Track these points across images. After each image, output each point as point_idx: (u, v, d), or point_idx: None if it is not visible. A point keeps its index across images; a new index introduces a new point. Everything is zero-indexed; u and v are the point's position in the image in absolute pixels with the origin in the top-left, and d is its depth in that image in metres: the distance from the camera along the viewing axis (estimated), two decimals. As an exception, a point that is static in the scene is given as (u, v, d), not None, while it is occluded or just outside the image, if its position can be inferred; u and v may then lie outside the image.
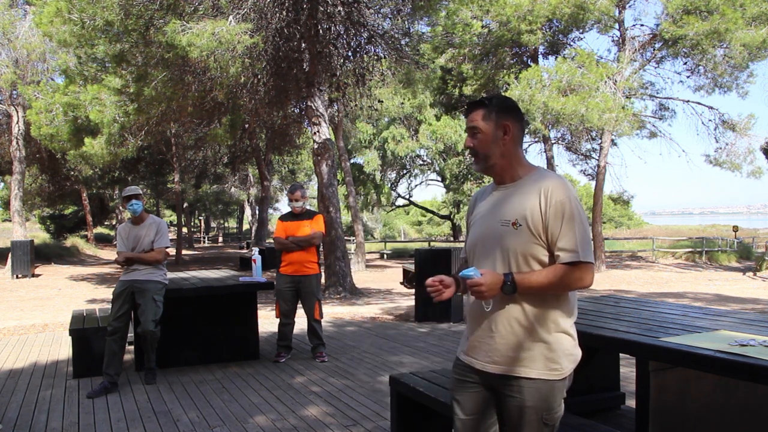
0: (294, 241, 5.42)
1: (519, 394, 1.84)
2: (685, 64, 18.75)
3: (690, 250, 24.42)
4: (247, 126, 17.56)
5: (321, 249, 9.50)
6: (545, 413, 1.83)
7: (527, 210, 1.82)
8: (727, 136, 19.53)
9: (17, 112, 18.48)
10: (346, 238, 15.50)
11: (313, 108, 11.59)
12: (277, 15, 10.47)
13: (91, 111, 11.52)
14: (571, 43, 19.98)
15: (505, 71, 19.59)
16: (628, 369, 4.42)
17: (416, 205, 37.20)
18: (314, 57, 11.38)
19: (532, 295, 1.82)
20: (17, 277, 16.77)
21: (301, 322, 6.34)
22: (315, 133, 11.73)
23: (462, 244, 2.22)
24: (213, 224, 59.10)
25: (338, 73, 12.12)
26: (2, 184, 31.69)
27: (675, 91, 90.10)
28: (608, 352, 3.93)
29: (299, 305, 5.57)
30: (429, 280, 1.87)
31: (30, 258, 17.15)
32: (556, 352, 1.84)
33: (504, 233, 1.85)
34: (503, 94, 17.27)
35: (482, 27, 18.36)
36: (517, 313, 1.84)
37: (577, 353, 1.91)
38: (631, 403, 3.87)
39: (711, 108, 20.01)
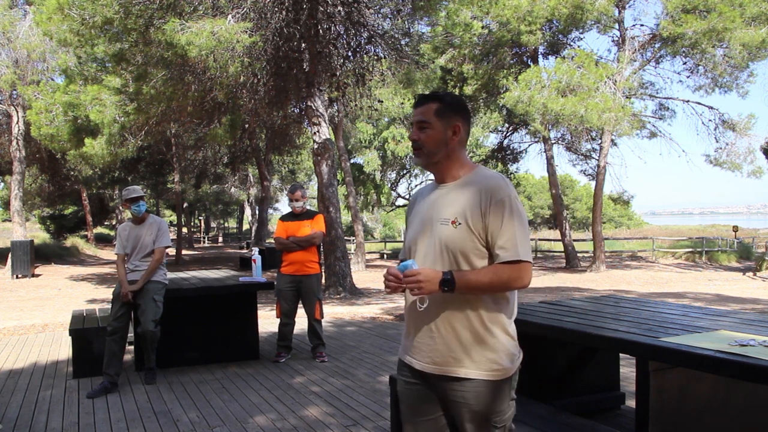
0: (295, 241, 5.42)
1: (462, 397, 1.81)
2: (685, 63, 18.76)
3: (690, 250, 24.42)
4: (247, 126, 17.54)
5: (321, 249, 9.50)
6: (493, 415, 1.80)
7: (467, 208, 1.80)
8: (727, 136, 19.53)
9: (17, 112, 18.47)
10: (346, 238, 15.50)
11: (313, 108, 11.59)
12: (277, 15, 10.47)
13: (91, 111, 11.52)
14: (571, 44, 19.99)
15: (505, 71, 19.60)
16: (628, 369, 4.42)
17: (416, 205, 37.16)
18: (314, 57, 11.38)
19: (471, 294, 1.79)
20: (17, 277, 16.77)
21: (301, 322, 6.35)
22: (315, 133, 11.73)
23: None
24: (213, 224, 59.09)
25: (338, 73, 12.12)
26: (2, 184, 31.70)
27: (675, 91, 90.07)
28: (608, 352, 3.93)
29: (300, 305, 5.57)
30: (394, 271, 1.80)
31: (30, 258, 17.15)
32: (498, 353, 1.81)
33: (443, 232, 1.83)
34: (502, 95, 17.32)
35: (482, 27, 18.36)
36: (457, 313, 1.81)
37: (519, 353, 1.88)
38: (631, 403, 3.87)
39: (711, 108, 20.01)
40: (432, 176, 2.01)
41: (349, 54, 12.29)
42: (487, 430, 1.80)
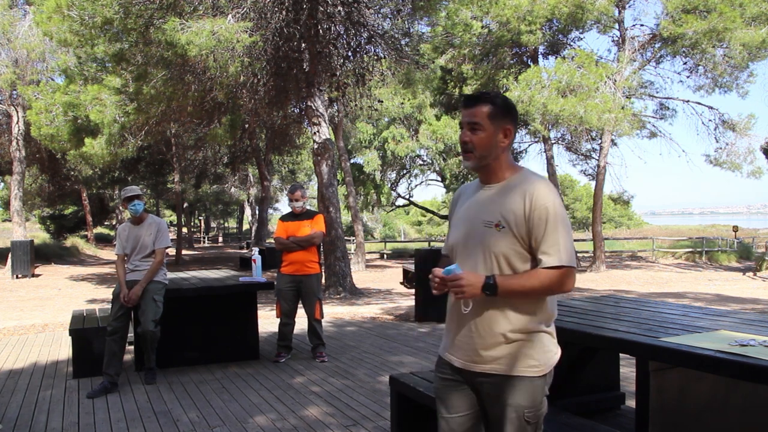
0: (295, 241, 5.42)
1: (500, 393, 1.85)
2: (685, 63, 18.77)
3: (690, 250, 24.42)
4: (247, 126, 17.54)
5: (321, 249, 9.50)
6: (527, 411, 1.83)
7: (510, 212, 1.82)
8: (727, 136, 19.54)
9: (17, 112, 18.47)
10: (346, 238, 15.51)
11: (313, 108, 11.59)
12: (277, 15, 10.47)
13: (91, 111, 11.52)
14: (571, 44, 19.99)
15: (505, 71, 19.60)
16: (628, 369, 4.42)
17: (416, 205, 37.18)
18: (314, 57, 11.38)
19: (513, 298, 1.82)
20: (17, 277, 16.77)
21: (301, 322, 6.35)
22: (315, 133, 11.73)
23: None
24: (213, 224, 59.10)
25: (338, 73, 12.12)
26: (2, 184, 31.69)
27: (675, 90, 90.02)
28: (608, 352, 3.93)
29: (300, 305, 5.57)
30: (439, 272, 1.82)
31: (30, 258, 17.15)
32: (536, 350, 1.85)
33: (486, 234, 1.85)
34: (502, 93, 17.30)
35: (482, 27, 18.37)
36: (496, 312, 1.84)
37: (557, 351, 1.92)
38: (631, 403, 3.87)
39: (711, 108, 20.03)
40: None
41: (349, 54, 12.29)
42: (521, 426, 1.84)
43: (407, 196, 33.40)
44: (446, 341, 2.00)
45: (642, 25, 19.90)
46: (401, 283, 15.21)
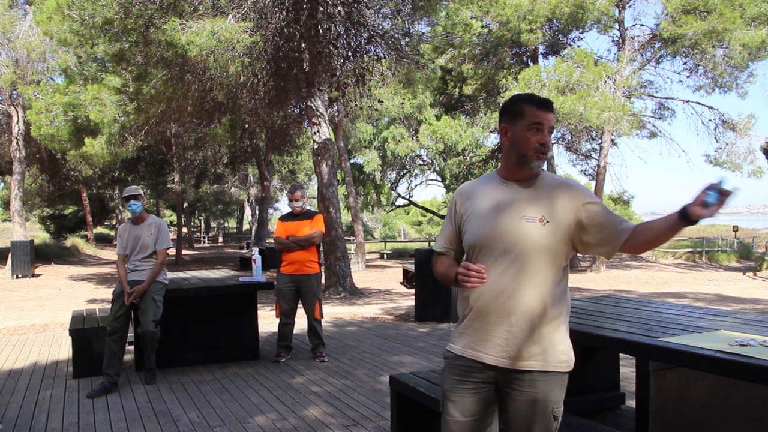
0: (294, 241, 5.42)
1: (531, 388, 1.85)
2: (685, 64, 18.78)
3: (690, 250, 24.42)
4: (247, 126, 17.55)
5: (321, 249, 9.49)
6: (554, 406, 1.87)
7: (556, 209, 1.88)
8: (727, 136, 19.56)
9: (17, 112, 18.47)
10: (346, 238, 15.50)
11: (313, 108, 11.59)
12: (277, 15, 10.47)
13: (92, 111, 11.52)
14: (571, 43, 19.99)
15: (505, 71, 19.60)
16: (628, 369, 4.42)
17: (416, 205, 37.17)
18: (314, 57, 11.38)
19: (550, 289, 1.86)
20: (17, 277, 16.77)
21: (301, 322, 6.35)
22: (315, 133, 11.73)
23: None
24: (213, 224, 59.08)
25: (338, 73, 12.11)
26: (2, 184, 31.69)
27: (675, 91, 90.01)
28: (608, 352, 3.93)
29: (300, 305, 5.57)
30: (475, 266, 1.78)
31: (30, 258, 17.15)
32: (564, 345, 1.90)
33: (529, 229, 1.85)
34: (502, 94, 17.32)
35: (482, 27, 18.38)
36: (536, 307, 1.84)
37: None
38: (631, 403, 3.87)
39: (711, 108, 20.04)
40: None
41: (349, 54, 12.29)
42: (548, 420, 1.87)
43: (407, 196, 33.41)
44: (471, 338, 1.93)
45: (642, 26, 19.92)
46: (401, 283, 15.21)
